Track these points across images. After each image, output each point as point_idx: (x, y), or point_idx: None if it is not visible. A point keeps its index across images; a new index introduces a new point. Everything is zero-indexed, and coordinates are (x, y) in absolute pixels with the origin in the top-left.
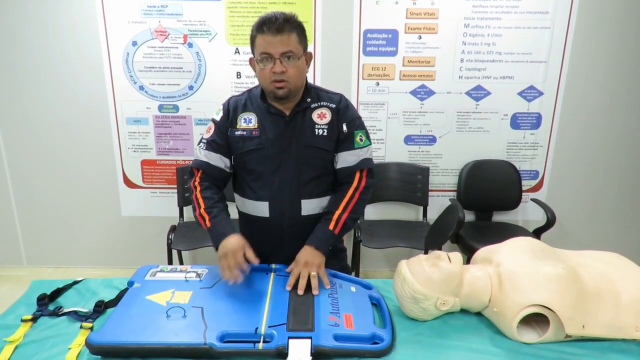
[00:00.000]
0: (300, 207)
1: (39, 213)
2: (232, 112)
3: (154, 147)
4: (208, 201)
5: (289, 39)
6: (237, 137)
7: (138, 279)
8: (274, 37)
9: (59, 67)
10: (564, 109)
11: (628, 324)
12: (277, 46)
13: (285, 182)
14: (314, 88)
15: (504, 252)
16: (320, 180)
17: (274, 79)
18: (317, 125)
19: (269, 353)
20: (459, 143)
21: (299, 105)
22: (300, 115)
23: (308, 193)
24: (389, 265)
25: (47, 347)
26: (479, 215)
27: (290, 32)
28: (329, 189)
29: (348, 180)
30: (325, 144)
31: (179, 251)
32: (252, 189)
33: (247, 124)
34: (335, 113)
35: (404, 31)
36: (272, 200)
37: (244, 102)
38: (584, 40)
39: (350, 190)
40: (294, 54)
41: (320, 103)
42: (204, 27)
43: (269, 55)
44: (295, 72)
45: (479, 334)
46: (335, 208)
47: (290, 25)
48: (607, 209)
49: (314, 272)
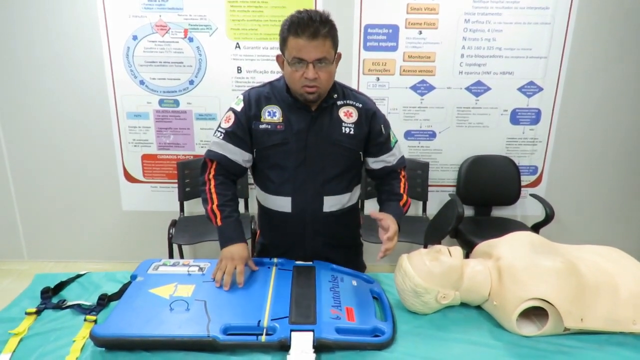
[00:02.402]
0: (323, 203)
1: (39, 207)
2: (254, 103)
3: (155, 142)
4: (221, 198)
5: (324, 45)
6: (261, 131)
7: (141, 273)
8: (309, 43)
9: (59, 61)
10: (564, 104)
11: (626, 317)
12: (311, 52)
13: (309, 178)
14: (339, 85)
15: (503, 246)
16: (343, 177)
17: (305, 84)
18: (345, 124)
19: (271, 346)
20: (459, 138)
21: (326, 101)
22: (327, 112)
23: (330, 190)
24: (389, 260)
25: (51, 339)
26: (478, 210)
27: (326, 37)
28: (350, 185)
29: (394, 176)
30: (352, 143)
31: (180, 245)
32: (275, 183)
33: (271, 117)
34: (363, 113)
35: (405, 26)
36: (295, 196)
37: (267, 94)
38: (583, 36)
39: (402, 180)
40: (327, 60)
41: (347, 101)
42: (204, 22)
43: (302, 60)
44: (327, 77)
45: (478, 327)
46: (399, 195)
47: (325, 29)
48: (606, 204)
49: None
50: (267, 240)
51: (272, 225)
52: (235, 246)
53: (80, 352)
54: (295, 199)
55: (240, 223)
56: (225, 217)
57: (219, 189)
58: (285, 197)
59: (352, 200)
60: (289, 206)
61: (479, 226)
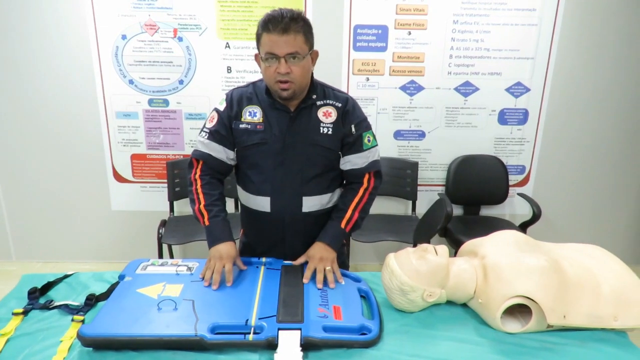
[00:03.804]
0: (301, 203)
1: (27, 207)
2: (236, 103)
3: (144, 142)
4: (208, 198)
5: (295, 39)
6: (241, 130)
7: (129, 273)
8: (280, 37)
9: (47, 60)
10: (550, 105)
11: (607, 313)
12: (282, 46)
13: (287, 178)
14: (320, 85)
15: (489, 245)
16: (322, 177)
17: (278, 79)
18: (323, 124)
19: (259, 344)
20: (448, 138)
21: (304, 102)
22: (306, 112)
23: (309, 190)
24: (378, 259)
25: (38, 339)
26: (467, 210)
27: (297, 32)
28: (329, 186)
29: (358, 180)
30: (330, 143)
31: (169, 245)
32: (255, 183)
33: (252, 117)
34: (341, 113)
35: (394, 27)
36: (274, 196)
37: (249, 94)
38: (570, 37)
39: (361, 190)
40: (299, 54)
41: (326, 101)
42: (194, 21)
43: (274, 55)
44: (300, 72)
45: (464, 324)
46: (346, 207)
47: (296, 24)
48: (591, 203)
49: (329, 267)
50: (249, 239)
51: (253, 225)
52: (223, 245)
53: (68, 352)
54: (273, 199)
55: (227, 222)
56: (212, 217)
57: (206, 188)
58: (265, 197)
59: (333, 200)
60: (268, 206)
61: (468, 225)
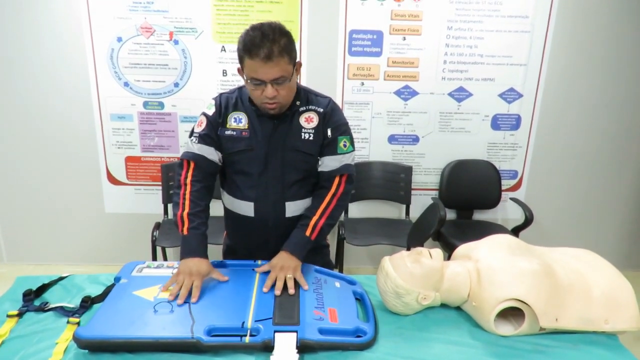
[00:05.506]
0: (285, 208)
1: (20, 209)
2: (223, 109)
3: (139, 144)
4: (194, 207)
5: (278, 65)
6: (226, 137)
7: (125, 275)
8: (264, 64)
9: (42, 61)
10: (543, 110)
11: (598, 316)
12: (267, 73)
13: (270, 184)
14: (304, 90)
15: (482, 249)
16: (305, 182)
17: (265, 101)
18: (304, 129)
19: (255, 347)
20: (441, 143)
21: (289, 109)
22: (288, 118)
23: (292, 195)
24: (372, 263)
25: (34, 341)
26: (460, 214)
27: (281, 56)
28: (312, 190)
29: (327, 184)
30: (311, 149)
31: (163, 248)
32: (239, 189)
33: (237, 123)
34: (322, 117)
35: (389, 32)
36: (258, 201)
37: (234, 100)
38: (562, 44)
39: (328, 196)
40: (285, 78)
41: (309, 107)
42: (190, 25)
43: (260, 80)
44: (287, 92)
45: (458, 327)
46: (312, 214)
47: (279, 49)
48: (581, 208)
49: (290, 275)
50: (232, 241)
51: (237, 228)
52: (196, 260)
53: (63, 354)
54: (257, 204)
55: (205, 238)
56: (192, 228)
57: (194, 196)
58: (248, 202)
59: None
60: (252, 211)
61: (461, 229)
